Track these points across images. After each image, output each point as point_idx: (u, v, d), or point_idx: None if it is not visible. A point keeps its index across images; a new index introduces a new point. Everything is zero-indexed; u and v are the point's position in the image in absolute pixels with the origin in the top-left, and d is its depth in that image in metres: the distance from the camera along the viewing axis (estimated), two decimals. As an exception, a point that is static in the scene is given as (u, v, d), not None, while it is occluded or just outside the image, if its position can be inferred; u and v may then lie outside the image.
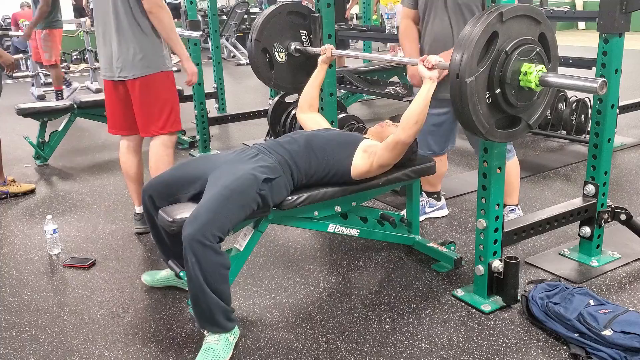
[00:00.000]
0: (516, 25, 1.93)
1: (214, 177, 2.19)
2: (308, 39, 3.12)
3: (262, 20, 3.05)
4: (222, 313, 2.05)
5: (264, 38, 3.02)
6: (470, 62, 1.84)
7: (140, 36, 2.88)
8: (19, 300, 2.57)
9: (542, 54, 1.98)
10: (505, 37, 1.91)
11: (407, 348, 2.12)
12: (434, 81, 2.22)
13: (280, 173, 2.25)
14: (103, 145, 5.12)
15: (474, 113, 1.89)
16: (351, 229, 2.59)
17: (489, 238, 2.30)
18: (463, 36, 1.88)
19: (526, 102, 2.01)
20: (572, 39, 11.90)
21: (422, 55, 2.26)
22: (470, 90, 1.85)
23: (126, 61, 2.89)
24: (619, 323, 1.99)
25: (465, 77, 1.84)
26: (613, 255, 2.68)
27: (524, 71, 1.92)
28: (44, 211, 3.58)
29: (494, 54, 1.90)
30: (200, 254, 1.96)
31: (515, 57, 1.91)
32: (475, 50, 1.85)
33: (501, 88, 1.93)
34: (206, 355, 2.04)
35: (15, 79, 8.55)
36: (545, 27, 2.01)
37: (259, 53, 3.04)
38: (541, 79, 1.92)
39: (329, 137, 2.45)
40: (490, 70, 1.91)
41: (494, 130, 1.99)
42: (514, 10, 1.91)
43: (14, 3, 10.53)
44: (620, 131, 4.61)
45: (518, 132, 2.09)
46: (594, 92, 1.84)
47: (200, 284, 1.98)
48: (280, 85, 3.19)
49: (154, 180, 2.36)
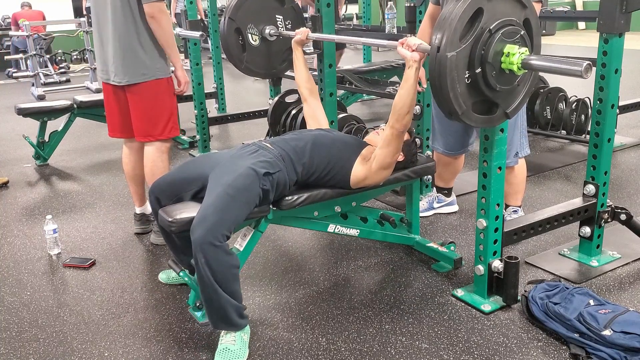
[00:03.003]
0: (502, 4, 1.87)
1: (215, 175, 2.19)
2: (284, 25, 3.04)
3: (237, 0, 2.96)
4: (235, 311, 2.05)
5: (238, 18, 2.92)
6: (452, 37, 1.77)
7: (137, 42, 2.81)
8: (19, 300, 2.57)
9: (526, 38, 1.91)
10: (490, 15, 1.84)
11: (407, 348, 2.12)
12: (417, 63, 2.12)
13: (280, 168, 2.24)
14: (103, 145, 5.12)
15: (452, 90, 1.81)
16: (351, 229, 2.59)
17: (489, 238, 2.30)
18: (447, 11, 1.81)
19: (506, 87, 1.93)
20: (572, 39, 11.90)
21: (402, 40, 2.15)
22: (450, 66, 1.78)
23: (124, 66, 2.83)
24: (619, 323, 1.99)
25: (446, 52, 1.77)
26: (613, 255, 2.68)
27: (507, 52, 1.86)
28: (44, 211, 3.58)
29: (478, 31, 1.82)
30: (212, 255, 1.96)
31: (499, 36, 1.84)
32: (459, 24, 1.78)
33: (482, 67, 1.85)
34: (225, 356, 2.05)
35: (15, 79, 8.56)
36: (530, 12, 1.96)
37: (232, 33, 2.93)
38: (524, 62, 1.84)
39: (335, 137, 2.45)
40: (472, 47, 1.83)
41: (470, 112, 1.91)
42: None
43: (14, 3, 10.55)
44: (620, 131, 4.61)
45: (494, 120, 2.01)
46: (578, 75, 1.75)
47: (212, 285, 1.98)
48: (251, 70, 3.08)
49: (159, 181, 2.36)
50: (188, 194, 2.29)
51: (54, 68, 9.40)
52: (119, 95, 2.97)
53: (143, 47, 2.82)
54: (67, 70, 9.59)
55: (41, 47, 8.71)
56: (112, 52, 2.85)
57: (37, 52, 8.00)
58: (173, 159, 4.61)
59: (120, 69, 2.84)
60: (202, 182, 2.24)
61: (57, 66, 9.67)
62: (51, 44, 9.77)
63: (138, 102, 2.91)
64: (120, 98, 2.97)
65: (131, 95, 2.91)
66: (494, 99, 1.96)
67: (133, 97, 2.91)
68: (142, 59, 2.83)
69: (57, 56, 10.10)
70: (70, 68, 9.95)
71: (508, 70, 1.89)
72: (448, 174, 3.22)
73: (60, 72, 9.17)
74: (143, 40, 2.82)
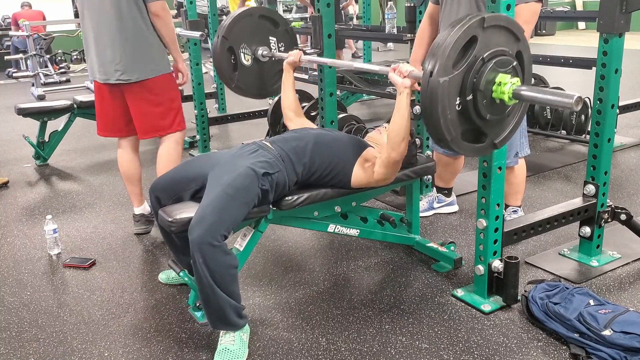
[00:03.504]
0: (496, 35, 1.89)
1: (215, 175, 2.19)
2: (277, 47, 3.06)
3: (231, 18, 2.96)
4: (233, 311, 2.05)
5: (232, 37, 2.93)
6: (446, 63, 1.78)
7: (147, 39, 2.88)
8: (19, 300, 2.57)
9: (518, 69, 1.93)
10: (484, 44, 1.85)
11: (407, 348, 2.12)
12: (408, 90, 2.14)
13: (280, 168, 2.24)
14: (103, 145, 5.12)
15: (442, 117, 1.81)
16: (351, 229, 2.59)
17: (489, 238, 2.30)
18: (441, 37, 1.82)
19: (496, 116, 1.93)
20: (572, 39, 11.90)
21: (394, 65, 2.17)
22: (442, 92, 1.79)
23: (134, 64, 2.87)
24: (619, 323, 1.99)
25: (438, 77, 1.78)
26: (613, 255, 2.68)
27: (499, 81, 1.86)
28: (44, 211, 3.58)
29: (471, 59, 1.83)
30: (210, 255, 1.96)
31: (491, 65, 1.85)
32: (452, 51, 1.79)
33: (473, 95, 1.85)
34: (224, 356, 2.05)
35: (15, 79, 8.56)
36: (523, 45, 1.98)
37: (224, 51, 2.95)
38: (515, 92, 1.85)
39: (336, 137, 2.44)
40: (465, 75, 1.84)
41: (459, 140, 1.91)
42: (496, 18, 1.87)
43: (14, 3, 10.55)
44: (620, 131, 4.61)
45: (482, 149, 2.02)
46: (569, 107, 1.75)
47: (210, 284, 1.98)
48: (242, 89, 3.07)
49: (159, 180, 2.36)
50: (187, 193, 2.29)
51: (54, 68, 9.41)
52: (116, 94, 2.98)
53: (152, 44, 2.90)
54: (67, 70, 9.60)
55: (41, 47, 8.71)
56: (117, 51, 2.86)
57: (37, 52, 8.01)
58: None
59: (131, 66, 2.87)
60: (201, 181, 2.24)
61: (57, 66, 9.68)
62: (51, 44, 9.77)
63: (147, 98, 2.95)
64: (119, 97, 2.98)
65: (138, 92, 2.94)
66: (483, 128, 1.95)
67: (141, 94, 2.94)
68: (151, 55, 2.91)
69: (57, 56, 10.11)
70: (70, 68, 9.95)
71: (499, 100, 1.89)
72: (448, 174, 3.22)
73: (60, 72, 9.18)
74: (151, 37, 2.90)
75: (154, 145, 5.02)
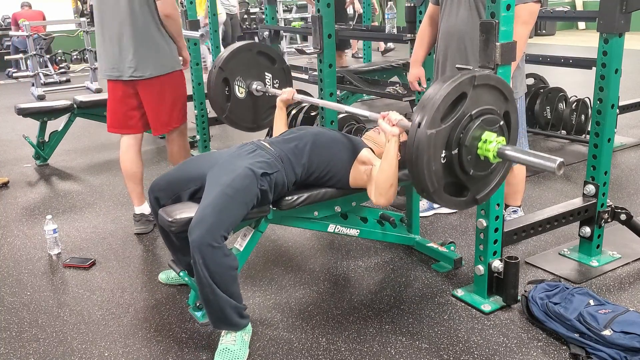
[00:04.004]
0: (486, 94, 1.91)
1: (213, 175, 2.19)
2: (272, 83, 3.12)
3: (230, 51, 3.03)
4: (234, 311, 2.05)
5: (228, 69, 3.00)
6: (434, 116, 1.81)
7: (158, 37, 2.99)
8: (19, 300, 2.57)
9: (504, 128, 1.95)
10: (473, 101, 1.88)
11: (407, 348, 2.12)
12: (396, 137, 2.14)
13: (278, 168, 2.24)
14: (103, 145, 5.12)
15: (427, 168, 1.84)
16: (351, 229, 2.59)
17: (489, 238, 2.30)
18: (433, 90, 1.85)
19: (479, 173, 1.95)
20: (572, 39, 11.89)
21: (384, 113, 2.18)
22: (428, 143, 1.81)
23: (144, 60, 2.97)
24: (619, 323, 1.99)
25: (426, 129, 1.80)
26: (613, 255, 2.68)
27: (485, 139, 1.88)
28: (44, 211, 3.58)
29: (459, 115, 1.86)
30: (209, 256, 1.96)
31: (479, 122, 1.87)
32: (442, 105, 1.81)
33: (459, 150, 1.88)
34: (224, 356, 2.05)
35: (15, 79, 8.56)
36: (511, 106, 1.99)
37: (219, 82, 3.01)
38: (499, 151, 1.87)
39: (334, 136, 2.44)
40: (452, 129, 1.86)
41: (442, 192, 1.92)
42: (486, 77, 1.89)
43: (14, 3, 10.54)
44: (620, 131, 4.61)
45: (463, 203, 2.03)
46: (551, 172, 1.78)
47: (210, 285, 1.98)
48: (232, 120, 3.11)
49: (158, 180, 2.37)
50: (186, 193, 2.29)
51: (54, 68, 9.41)
52: (129, 91, 3.07)
53: (164, 41, 3.02)
54: (67, 70, 9.59)
55: (41, 47, 8.71)
56: (130, 48, 2.95)
57: (37, 52, 8.00)
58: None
59: (143, 63, 2.98)
60: (200, 181, 2.24)
61: (57, 66, 9.68)
62: (51, 44, 9.77)
63: (159, 94, 3.07)
64: (131, 93, 3.08)
65: (152, 88, 3.04)
66: (466, 182, 1.97)
67: (154, 90, 3.05)
68: (163, 52, 3.02)
69: (57, 56, 10.11)
70: (70, 68, 9.95)
71: (483, 157, 1.90)
72: None
73: (60, 72, 9.17)
74: (163, 34, 3.01)
75: (154, 145, 5.03)
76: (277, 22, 6.17)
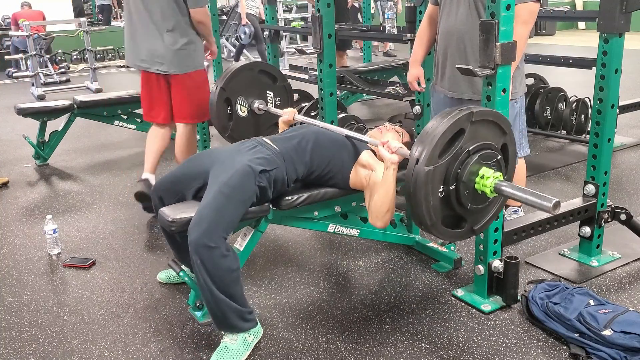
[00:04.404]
0: (483, 129, 1.93)
1: (214, 173, 2.19)
2: (274, 101, 3.15)
3: (231, 71, 3.05)
4: (234, 314, 2.04)
5: (229, 88, 3.03)
6: (432, 152, 1.83)
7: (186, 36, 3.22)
8: (19, 300, 2.57)
9: (501, 163, 1.97)
10: (471, 136, 1.90)
11: (407, 348, 2.12)
12: (395, 165, 2.15)
13: (278, 164, 2.23)
14: (103, 145, 5.12)
15: (425, 202, 1.86)
16: (351, 229, 2.59)
17: (489, 238, 2.30)
18: (431, 126, 1.87)
19: (477, 206, 1.97)
20: (572, 39, 11.89)
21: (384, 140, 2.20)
22: (426, 179, 1.83)
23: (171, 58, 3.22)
24: (619, 323, 1.99)
25: (424, 166, 1.82)
26: (613, 255, 2.68)
27: (482, 174, 1.90)
28: (44, 211, 3.58)
29: (457, 150, 1.88)
30: (207, 257, 1.96)
31: (476, 158, 1.89)
32: (440, 142, 1.84)
33: (456, 185, 1.90)
34: (221, 355, 2.05)
35: (15, 79, 8.55)
36: (509, 139, 2.01)
37: (221, 102, 3.03)
38: (496, 186, 1.88)
39: (335, 137, 2.44)
40: (450, 165, 1.88)
41: (439, 225, 1.95)
42: (484, 113, 1.92)
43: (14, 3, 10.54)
44: (620, 131, 4.61)
45: (461, 234, 2.05)
46: (547, 211, 1.80)
47: (209, 287, 1.98)
48: (234, 138, 3.11)
49: (162, 180, 2.37)
50: (190, 192, 2.29)
51: (54, 68, 9.40)
52: (160, 82, 3.33)
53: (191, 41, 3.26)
54: (67, 70, 9.58)
55: (41, 47, 8.70)
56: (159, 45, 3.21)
57: (37, 52, 8.00)
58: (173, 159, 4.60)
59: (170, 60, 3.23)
60: (203, 179, 2.24)
61: (57, 66, 9.67)
62: (51, 44, 9.76)
63: (184, 89, 3.30)
64: (161, 85, 3.33)
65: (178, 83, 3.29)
66: (463, 215, 2.00)
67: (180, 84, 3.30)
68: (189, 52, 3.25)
69: (57, 56, 10.10)
70: (70, 68, 9.93)
71: (481, 191, 1.93)
72: None
73: (60, 72, 9.17)
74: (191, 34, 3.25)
75: (154, 145, 5.03)
76: (277, 22, 6.17)
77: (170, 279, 2.64)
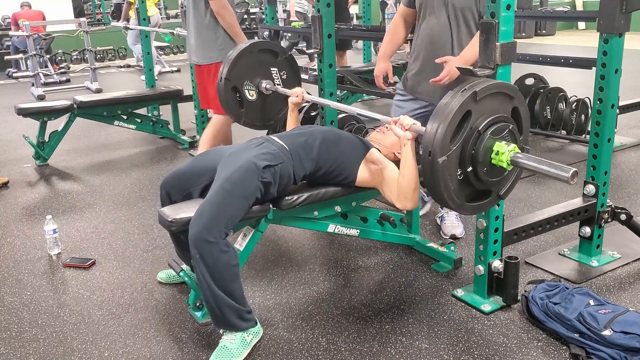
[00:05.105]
0: (489, 103, 1.91)
1: (220, 169, 2.20)
2: (279, 76, 3.11)
3: (232, 59, 2.99)
4: (233, 312, 2.04)
5: (234, 77, 2.98)
6: (443, 141, 1.81)
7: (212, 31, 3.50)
8: (19, 300, 2.57)
9: (514, 131, 1.96)
10: (479, 115, 1.88)
11: (407, 348, 2.12)
12: (411, 141, 2.14)
13: (283, 159, 2.23)
14: (103, 145, 5.12)
15: (445, 190, 1.87)
16: (351, 229, 2.59)
17: (489, 238, 2.30)
18: (437, 113, 1.85)
19: (497, 178, 1.98)
20: (572, 39, 11.89)
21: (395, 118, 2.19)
22: (442, 169, 1.83)
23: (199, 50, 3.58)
24: (619, 323, 1.99)
25: (437, 157, 1.81)
26: (613, 255, 2.68)
27: (497, 150, 1.89)
28: (44, 211, 3.58)
29: (467, 132, 1.87)
30: (206, 252, 1.96)
31: (488, 135, 1.88)
32: (449, 128, 1.82)
33: (473, 166, 1.90)
34: (219, 354, 2.05)
35: (15, 79, 8.55)
36: (518, 101, 2.00)
37: (229, 92, 2.99)
38: (512, 160, 1.88)
39: (341, 136, 2.44)
40: (463, 148, 1.88)
41: (464, 204, 1.96)
42: (487, 88, 1.89)
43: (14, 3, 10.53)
44: (620, 131, 4.61)
45: (489, 204, 2.06)
46: (564, 181, 1.79)
47: (208, 283, 1.98)
48: (250, 123, 3.12)
49: (169, 177, 2.38)
50: (197, 189, 2.29)
51: (54, 68, 9.39)
52: (202, 73, 3.67)
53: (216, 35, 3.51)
54: (67, 70, 9.58)
55: (41, 47, 8.69)
56: (194, 39, 3.62)
57: (37, 52, 7.99)
58: (173, 159, 4.61)
59: (199, 52, 3.60)
60: (210, 175, 2.24)
61: (57, 66, 9.66)
62: (51, 44, 9.76)
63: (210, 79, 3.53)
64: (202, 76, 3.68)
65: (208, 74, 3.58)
66: (486, 189, 2.02)
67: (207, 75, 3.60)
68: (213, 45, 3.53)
69: (57, 56, 10.09)
70: (70, 68, 9.93)
71: (499, 166, 1.93)
72: None
73: (60, 72, 9.17)
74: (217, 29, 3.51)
75: (153, 145, 5.03)
76: (277, 22, 6.17)
77: (170, 278, 2.64)
